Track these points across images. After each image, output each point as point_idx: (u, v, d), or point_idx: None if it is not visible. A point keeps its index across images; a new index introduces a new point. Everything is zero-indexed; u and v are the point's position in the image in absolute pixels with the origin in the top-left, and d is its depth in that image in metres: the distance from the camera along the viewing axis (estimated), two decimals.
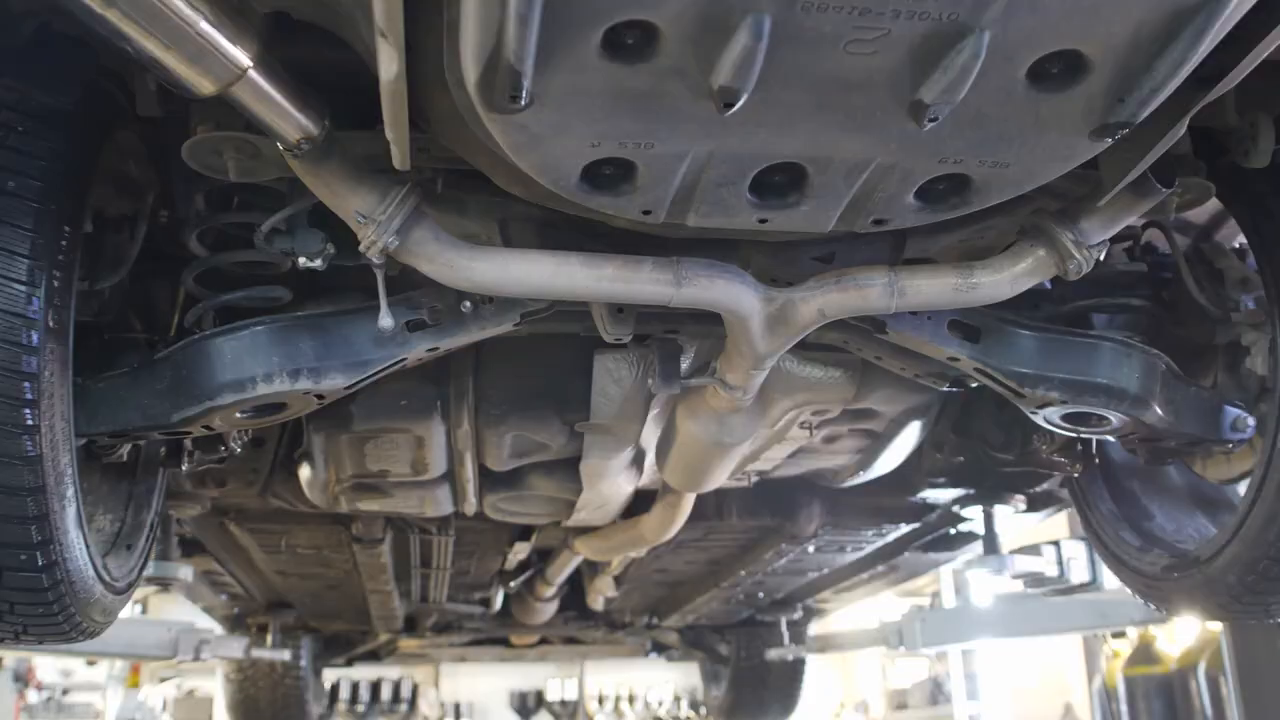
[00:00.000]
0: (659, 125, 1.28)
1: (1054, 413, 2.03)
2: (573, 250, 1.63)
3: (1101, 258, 1.70)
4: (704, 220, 1.48)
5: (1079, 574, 3.37)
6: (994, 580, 3.90)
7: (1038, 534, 3.97)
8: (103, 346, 1.87)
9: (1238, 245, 2.17)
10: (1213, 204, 2.00)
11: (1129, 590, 2.46)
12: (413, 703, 13.12)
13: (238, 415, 1.80)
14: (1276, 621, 2.33)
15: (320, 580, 4.20)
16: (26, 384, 1.46)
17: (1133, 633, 6.22)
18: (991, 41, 1.15)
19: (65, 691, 7.87)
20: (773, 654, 5.65)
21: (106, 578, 1.78)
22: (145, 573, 2.13)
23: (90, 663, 7.79)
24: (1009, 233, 1.77)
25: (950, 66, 1.17)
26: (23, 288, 1.47)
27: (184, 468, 2.09)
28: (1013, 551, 3.46)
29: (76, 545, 1.62)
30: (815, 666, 6.34)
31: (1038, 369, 1.96)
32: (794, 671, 6.00)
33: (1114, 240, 1.80)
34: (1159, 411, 2.00)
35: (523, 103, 1.19)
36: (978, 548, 3.66)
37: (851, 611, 6.51)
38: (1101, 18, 1.15)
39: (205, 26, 1.21)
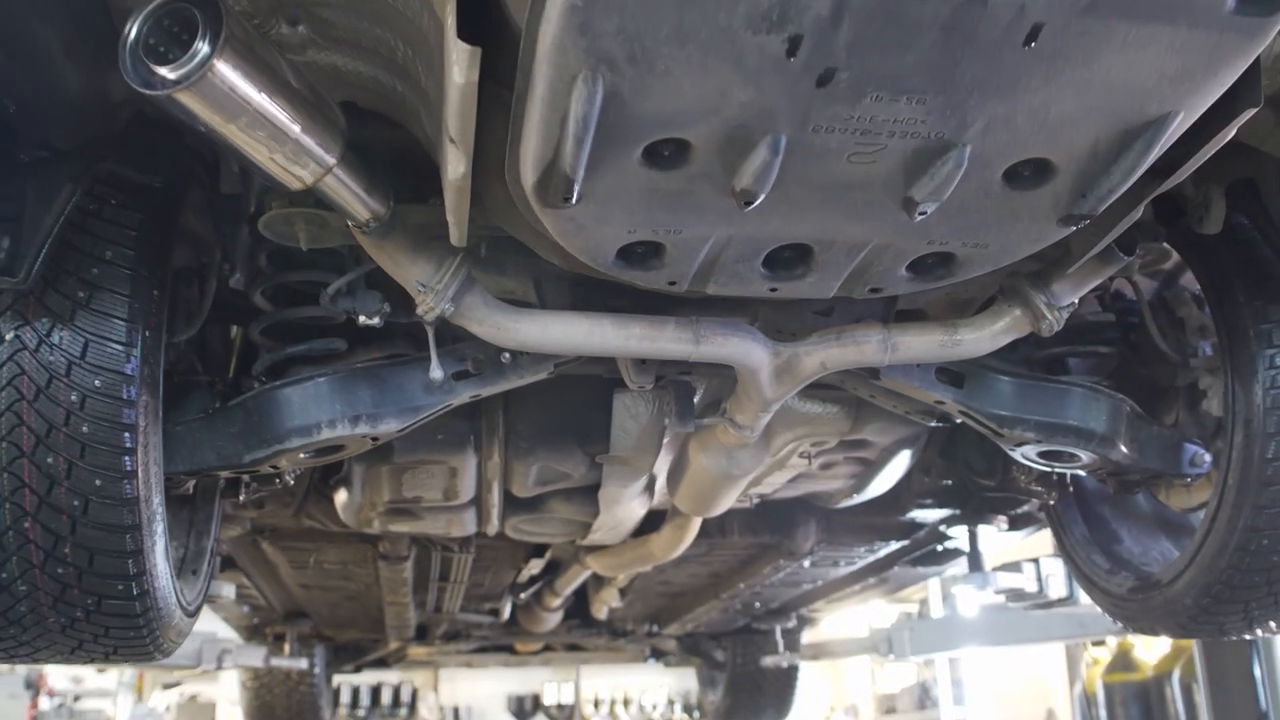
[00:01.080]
0: (687, 216, 1.47)
1: (1030, 450, 2.23)
2: (600, 306, 1.83)
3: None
4: (722, 289, 1.67)
5: (1057, 589, 3.54)
6: (979, 594, 4.07)
7: (1021, 550, 4.15)
8: (170, 389, 2.06)
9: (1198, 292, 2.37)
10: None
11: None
12: (412, 707, 13.22)
13: (301, 455, 1.98)
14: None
15: (340, 592, 4.36)
16: (126, 434, 1.65)
17: (1112, 641, 6.39)
18: (972, 153, 1.34)
19: (77, 698, 7.97)
20: (768, 661, 5.80)
21: (183, 602, 1.96)
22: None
23: (101, 670, 7.88)
24: (990, 286, 1.97)
25: (937, 173, 1.36)
26: (121, 348, 1.65)
27: (240, 498, 2.27)
28: (995, 569, 3.64)
29: (163, 575, 1.80)
30: (806, 671, 6.49)
31: (1015, 412, 2.16)
32: (788, 677, 6.16)
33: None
34: (1124, 449, 2.20)
35: (573, 202, 1.38)
36: (963, 562, 3.85)
37: (842, 618, 6.68)
38: (1064, 134, 1.34)
39: (300, 134, 1.39)
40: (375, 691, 12.82)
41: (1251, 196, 1.94)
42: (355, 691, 12.55)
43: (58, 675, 8.10)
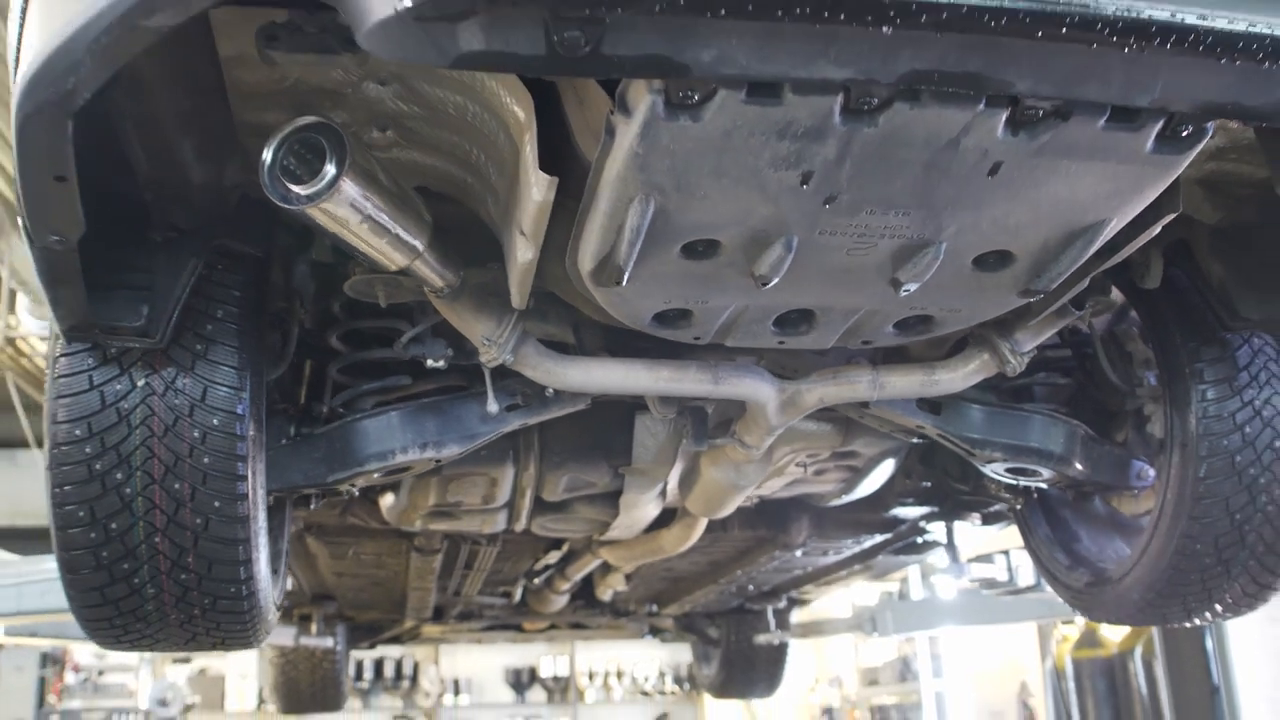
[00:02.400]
0: (713, 291, 1.75)
1: (998, 467, 2.54)
2: (629, 349, 2.12)
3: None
4: (738, 343, 1.96)
5: (1026, 578, 3.85)
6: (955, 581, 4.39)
7: (995, 542, 4.47)
8: None
9: None
10: None
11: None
12: (414, 679, 13.55)
13: (375, 475, 2.27)
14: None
15: (369, 579, 4.64)
16: (240, 463, 1.92)
17: (1080, 620, 6.71)
18: (946, 248, 1.63)
19: (100, 673, 8.23)
20: (760, 639, 6.08)
21: (273, 598, 2.25)
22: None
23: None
24: (964, 333, 2.27)
25: (919, 263, 1.65)
26: (233, 391, 1.92)
27: (311, 507, 2.56)
28: (970, 560, 3.96)
29: (264, 577, 2.08)
30: (794, 644, 6.76)
31: (985, 435, 2.46)
32: (779, 653, 6.45)
33: None
34: (1079, 466, 2.51)
35: (622, 285, 1.66)
36: (941, 551, 4.16)
37: (830, 598, 6.96)
38: (1021, 234, 1.63)
39: (399, 230, 1.67)
40: (379, 664, 13.14)
41: (1186, 255, 2.23)
42: (359, 665, 12.87)
43: (82, 652, 8.35)
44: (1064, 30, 1.23)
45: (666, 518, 3.47)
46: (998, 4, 1.20)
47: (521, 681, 13.89)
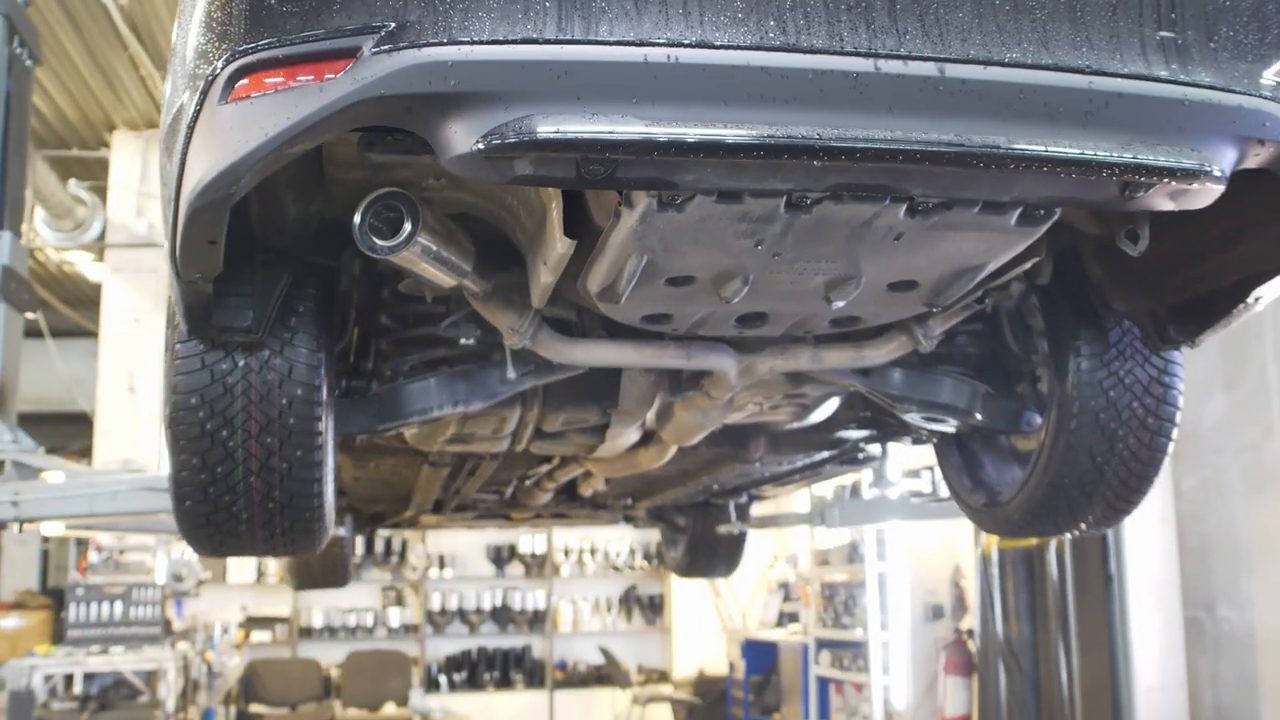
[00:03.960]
0: (689, 305, 2.21)
1: (915, 416, 3.05)
2: (621, 330, 2.59)
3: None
4: (707, 333, 2.43)
5: (946, 491, 4.38)
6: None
7: (926, 458, 5.00)
8: None
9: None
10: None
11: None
12: (403, 555, 14.18)
13: (414, 425, 2.75)
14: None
15: (382, 482, 5.14)
16: (316, 423, 2.38)
17: None
18: (865, 281, 2.10)
19: (121, 552, 8.72)
20: (722, 529, 6.63)
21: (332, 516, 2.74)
22: None
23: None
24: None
25: (845, 289, 2.12)
26: (311, 369, 2.37)
27: (355, 442, 3.04)
28: (902, 476, 4.50)
29: (330, 503, 2.58)
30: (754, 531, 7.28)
31: (904, 393, 2.96)
32: (738, 541, 6.99)
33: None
34: (979, 416, 3.01)
35: (620, 304, 2.13)
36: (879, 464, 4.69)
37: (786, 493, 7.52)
38: (921, 272, 2.10)
39: (456, 260, 2.12)
40: (369, 541, 13.76)
41: (1075, 258, 2.70)
42: (353, 542, 13.43)
43: (104, 535, 8.82)
44: (945, 161, 1.69)
45: (644, 439, 3.97)
46: (897, 146, 1.66)
47: (501, 557, 14.49)
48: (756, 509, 6.81)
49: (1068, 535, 3.18)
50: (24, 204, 5.07)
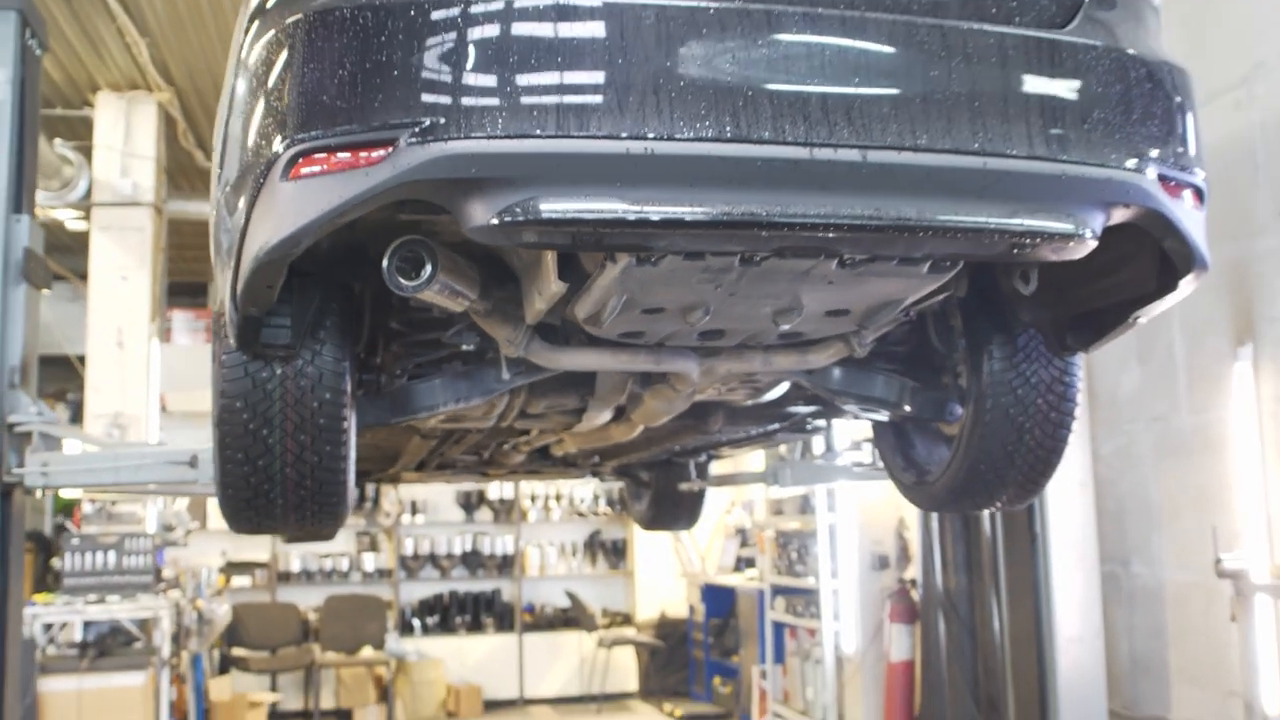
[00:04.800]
0: (659, 325, 2.61)
1: (853, 408, 3.48)
2: (600, 339, 2.98)
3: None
4: (673, 344, 2.83)
5: None
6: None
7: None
8: None
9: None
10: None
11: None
12: (376, 502, 14.54)
13: (420, 418, 3.15)
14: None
15: (372, 446, 5.51)
16: (344, 422, 2.74)
17: None
18: (805, 309, 2.51)
19: (113, 503, 9.03)
20: (683, 486, 7.06)
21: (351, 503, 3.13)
22: None
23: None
24: None
25: (789, 315, 2.52)
26: (339, 376, 2.70)
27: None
28: (848, 447, 4.95)
29: (351, 489, 2.96)
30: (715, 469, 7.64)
31: (843, 388, 3.38)
32: (698, 497, 7.38)
33: None
34: (908, 408, 3.44)
35: (603, 328, 2.53)
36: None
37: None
38: (852, 303, 2.51)
39: (464, 289, 2.50)
40: None
41: (988, 273, 3.11)
42: None
43: None
44: (866, 230, 2.10)
45: (615, 416, 4.38)
46: (827, 220, 2.06)
47: (471, 503, 14.82)
48: (715, 467, 7.24)
49: (984, 512, 3.63)
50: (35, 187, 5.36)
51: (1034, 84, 2.27)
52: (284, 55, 2.07)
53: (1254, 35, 5.48)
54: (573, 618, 13.99)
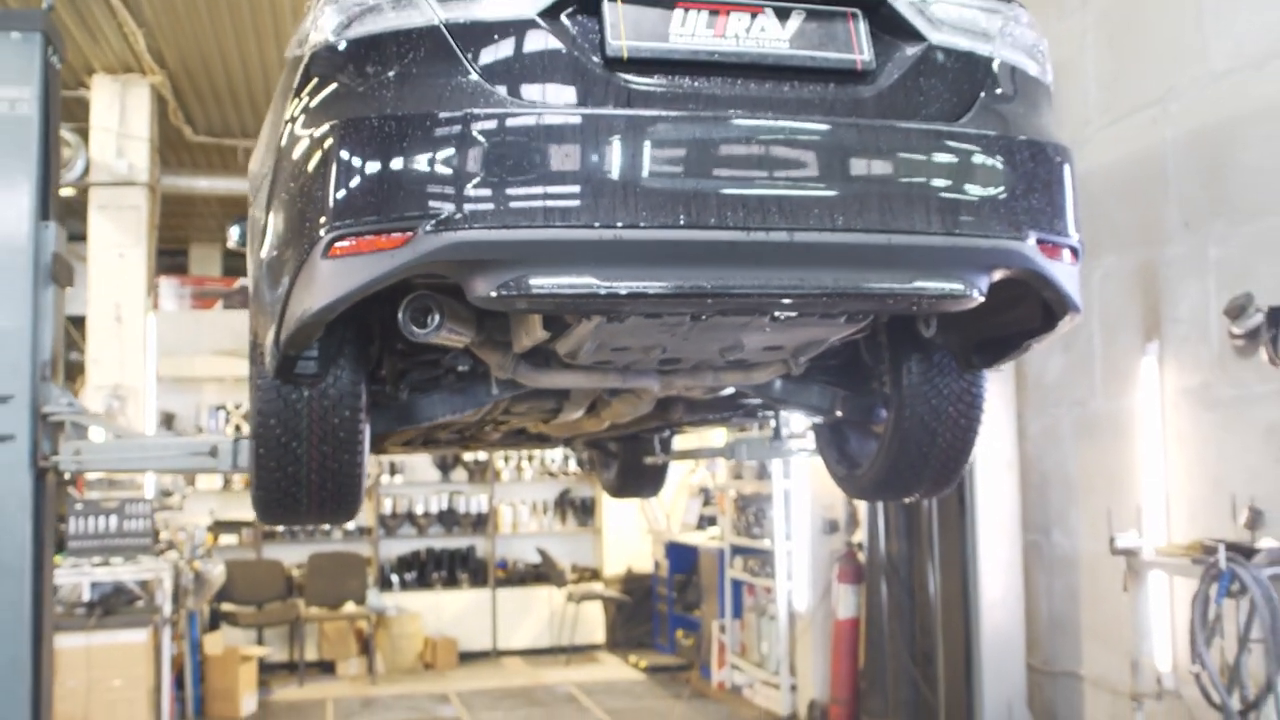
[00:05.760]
0: (625, 357, 3.07)
1: (794, 411, 3.98)
2: (580, 366, 3.44)
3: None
4: (635, 369, 3.32)
5: None
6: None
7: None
8: None
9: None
10: None
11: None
12: None
13: (422, 426, 3.61)
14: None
15: None
16: (360, 435, 3.17)
17: None
18: (746, 348, 2.99)
19: (114, 470, 9.38)
20: (649, 460, 7.54)
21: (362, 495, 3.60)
22: None
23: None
24: None
25: (732, 350, 3.01)
26: (355, 396, 3.11)
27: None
28: (789, 437, 5.45)
29: (363, 484, 3.43)
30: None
31: (784, 397, 3.87)
32: (663, 469, 7.88)
33: None
34: (839, 413, 3.94)
35: (578, 360, 3.00)
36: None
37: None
38: (784, 342, 3.00)
39: (464, 331, 2.96)
40: None
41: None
42: None
43: None
44: (792, 296, 2.57)
45: (587, 411, 4.85)
46: (760, 290, 2.52)
47: (447, 464, 15.07)
48: (678, 441, 7.72)
49: (905, 500, 4.14)
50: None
51: (930, 170, 2.67)
52: (323, 154, 2.49)
53: (1170, 61, 5.95)
54: (543, 573, 14.42)
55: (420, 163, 2.41)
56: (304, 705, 11.08)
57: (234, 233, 4.28)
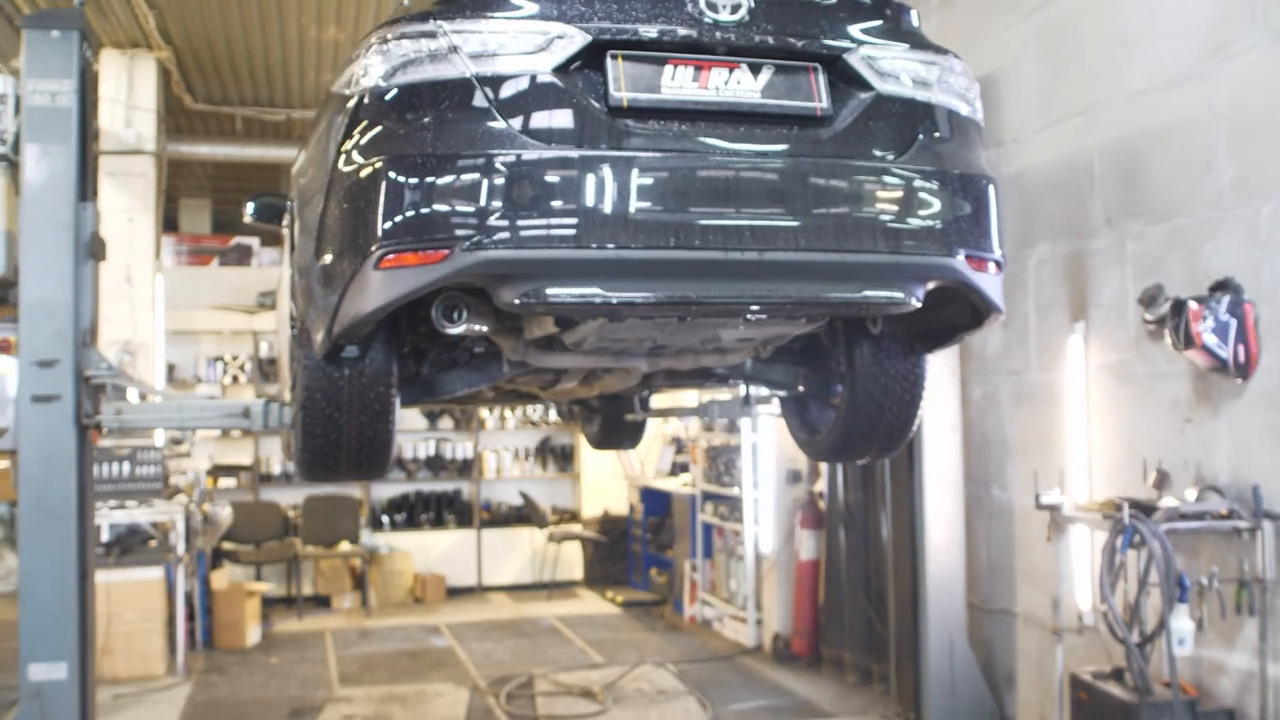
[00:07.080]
0: (619, 345, 3.52)
1: (762, 387, 4.46)
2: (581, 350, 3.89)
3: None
4: (629, 352, 3.78)
5: None
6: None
7: None
8: None
9: None
10: None
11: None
12: None
13: (443, 398, 4.07)
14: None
15: None
16: (391, 406, 3.64)
17: None
18: (724, 339, 3.47)
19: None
20: (629, 416, 7.99)
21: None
22: None
23: (143, 398, 9.59)
24: None
25: (711, 342, 3.48)
26: (389, 374, 3.59)
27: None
28: (757, 403, 5.94)
29: (393, 447, 3.88)
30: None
31: (753, 375, 4.34)
32: (641, 425, 8.38)
33: None
34: (800, 388, 4.42)
35: (582, 348, 3.46)
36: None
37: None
38: (755, 336, 3.47)
39: (485, 325, 3.40)
40: None
41: None
42: None
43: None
44: (761, 303, 3.03)
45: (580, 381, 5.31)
46: (735, 299, 2.98)
47: (433, 412, 15.10)
48: (656, 400, 8.19)
49: (860, 463, 4.65)
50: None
51: (877, 199, 3.09)
52: (373, 183, 2.89)
53: (1098, 75, 6.39)
54: (525, 515, 14.75)
55: (456, 193, 2.81)
56: (305, 636, 11.57)
57: (250, 208, 4.62)
